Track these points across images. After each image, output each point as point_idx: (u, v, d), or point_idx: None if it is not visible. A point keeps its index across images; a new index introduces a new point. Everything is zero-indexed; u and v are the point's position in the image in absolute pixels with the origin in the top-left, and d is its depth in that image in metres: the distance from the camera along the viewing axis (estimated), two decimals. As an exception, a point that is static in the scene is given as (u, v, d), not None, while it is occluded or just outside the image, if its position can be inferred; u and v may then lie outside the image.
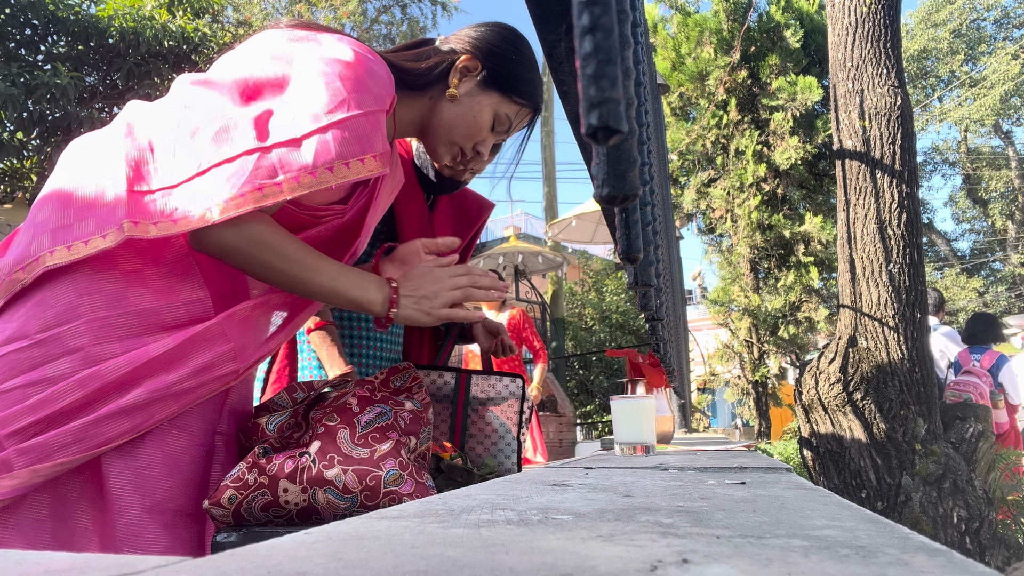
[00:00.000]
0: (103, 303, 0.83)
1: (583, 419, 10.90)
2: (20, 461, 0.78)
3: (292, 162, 0.82)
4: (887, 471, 2.33)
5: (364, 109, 0.88)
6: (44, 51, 5.38)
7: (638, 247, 0.64)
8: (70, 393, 0.80)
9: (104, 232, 0.82)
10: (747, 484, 0.70)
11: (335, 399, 0.97)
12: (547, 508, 0.50)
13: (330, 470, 0.86)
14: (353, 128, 0.86)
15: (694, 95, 7.55)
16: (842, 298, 2.61)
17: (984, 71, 21.19)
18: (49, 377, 0.80)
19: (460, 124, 1.11)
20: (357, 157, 0.86)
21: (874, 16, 2.60)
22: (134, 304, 0.85)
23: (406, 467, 0.90)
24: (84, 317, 0.82)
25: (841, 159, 2.66)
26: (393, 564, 0.30)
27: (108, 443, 0.82)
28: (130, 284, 0.85)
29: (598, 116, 0.36)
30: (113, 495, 0.84)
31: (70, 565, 0.30)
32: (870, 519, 0.44)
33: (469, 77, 1.11)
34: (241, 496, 0.85)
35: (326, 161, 0.83)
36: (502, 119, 1.13)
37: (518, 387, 1.45)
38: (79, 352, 0.81)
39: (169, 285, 0.88)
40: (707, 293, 9.02)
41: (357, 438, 0.90)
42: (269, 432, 0.95)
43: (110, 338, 0.83)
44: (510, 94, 1.12)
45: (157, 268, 0.87)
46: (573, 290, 13.25)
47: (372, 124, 0.89)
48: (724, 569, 0.29)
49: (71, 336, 0.81)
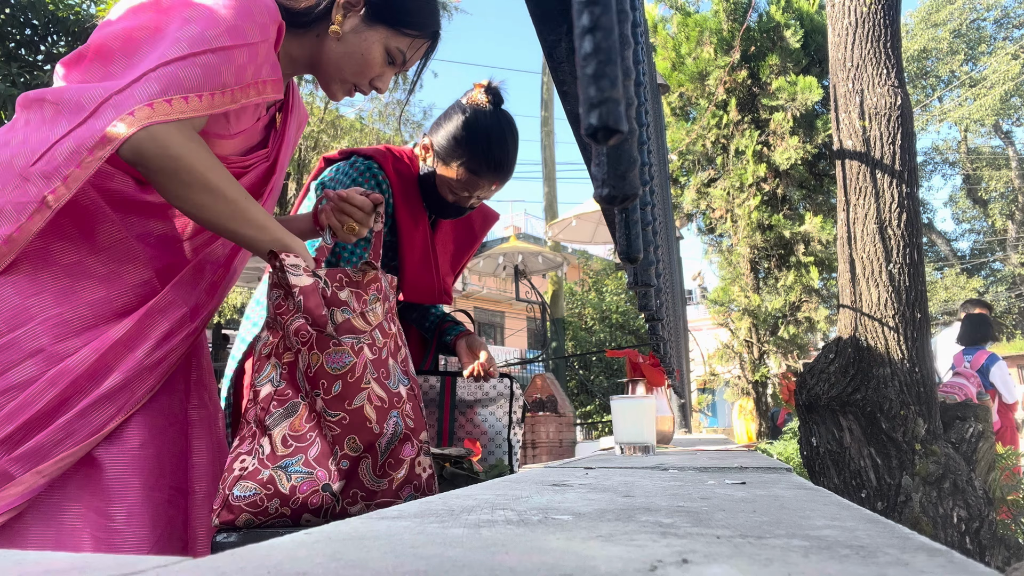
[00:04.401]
0: (52, 301, 0.83)
1: (583, 419, 10.89)
2: (18, 469, 0.78)
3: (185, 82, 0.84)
4: (887, 471, 2.33)
5: (245, 40, 0.90)
6: (44, 51, 5.38)
7: (638, 247, 0.64)
8: (44, 394, 0.79)
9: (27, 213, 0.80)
10: (747, 484, 0.70)
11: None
12: (547, 508, 0.50)
13: (354, 507, 0.87)
14: (230, 58, 0.87)
15: (694, 95, 7.55)
16: (842, 298, 2.61)
17: (984, 71, 21.18)
18: (16, 384, 0.79)
19: (349, 62, 1.09)
20: (238, 85, 0.89)
21: (874, 16, 2.60)
22: (85, 296, 0.85)
23: (420, 487, 0.92)
24: (37, 318, 0.81)
25: (841, 159, 2.66)
26: (393, 564, 0.30)
27: (99, 431, 0.83)
28: (75, 278, 0.85)
29: (598, 116, 0.36)
30: (113, 481, 0.84)
31: (70, 565, 0.30)
32: (870, 519, 0.44)
33: (353, 13, 1.07)
34: (259, 521, 0.84)
35: (215, 86, 0.86)
36: (395, 53, 1.10)
37: (506, 387, 1.44)
38: (40, 353, 0.81)
39: (113, 271, 0.88)
40: (707, 293, 9.02)
41: (377, 468, 0.89)
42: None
43: (68, 334, 0.83)
44: (398, 27, 1.08)
45: (96, 256, 0.87)
46: (573, 290, 13.25)
47: (250, 55, 0.91)
48: (724, 569, 0.29)
49: (28, 339, 0.80)
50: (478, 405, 1.44)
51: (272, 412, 0.90)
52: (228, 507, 0.83)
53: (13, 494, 0.77)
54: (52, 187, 0.79)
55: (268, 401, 0.90)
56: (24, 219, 0.80)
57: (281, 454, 0.89)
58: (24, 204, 0.80)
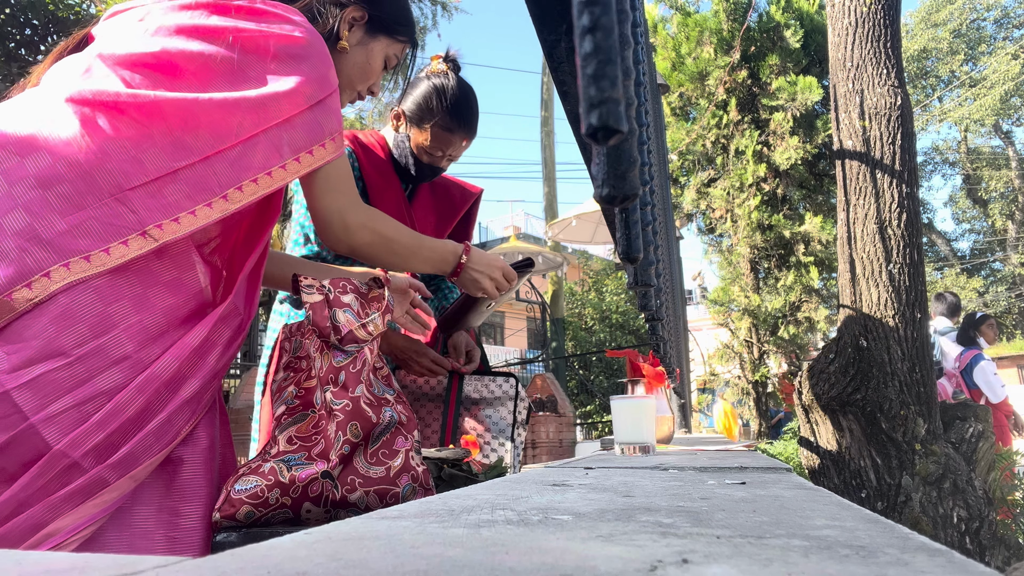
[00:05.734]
0: (131, 308, 0.83)
1: (583, 419, 10.89)
2: (113, 475, 0.79)
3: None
4: (887, 471, 2.33)
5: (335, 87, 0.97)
6: (44, 51, 5.38)
7: (638, 247, 0.64)
8: (133, 401, 0.80)
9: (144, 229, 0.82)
10: (747, 484, 0.70)
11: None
12: (547, 508, 0.50)
13: (353, 494, 0.87)
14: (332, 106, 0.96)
15: (694, 95, 7.55)
16: (842, 298, 2.61)
17: (984, 71, 21.18)
18: (104, 390, 0.79)
19: (357, 72, 1.17)
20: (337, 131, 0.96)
21: (874, 16, 2.60)
22: (157, 303, 0.85)
23: (417, 478, 0.93)
24: (120, 325, 0.81)
25: (841, 159, 2.66)
26: (393, 564, 0.30)
27: (178, 435, 0.86)
28: (146, 284, 0.85)
29: (598, 116, 0.36)
30: (188, 481, 0.87)
31: (70, 565, 0.30)
32: (870, 519, 0.44)
33: (357, 26, 1.15)
34: (260, 513, 0.85)
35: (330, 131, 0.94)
36: (391, 59, 1.21)
37: (511, 387, 1.45)
38: (127, 360, 0.81)
39: (175, 278, 0.88)
40: (707, 293, 9.02)
41: (370, 455, 0.91)
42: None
43: (148, 341, 0.83)
44: (394, 35, 1.19)
45: (160, 262, 0.87)
46: (573, 290, 13.25)
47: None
48: (724, 569, 0.29)
49: (114, 346, 0.80)
50: (484, 404, 1.45)
51: (282, 423, 0.95)
52: (229, 501, 0.85)
53: (108, 500, 0.79)
54: (159, 221, 0.82)
55: (281, 416, 0.96)
56: (115, 242, 0.80)
57: (284, 450, 0.91)
58: (117, 227, 0.80)
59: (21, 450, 0.75)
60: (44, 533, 0.74)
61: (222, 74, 0.88)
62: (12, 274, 0.77)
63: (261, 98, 0.87)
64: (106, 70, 0.87)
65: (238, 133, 0.86)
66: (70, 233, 0.79)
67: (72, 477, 0.77)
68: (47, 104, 0.85)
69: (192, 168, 0.84)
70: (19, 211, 0.78)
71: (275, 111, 0.88)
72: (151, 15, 0.91)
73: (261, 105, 0.87)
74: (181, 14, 0.90)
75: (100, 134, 0.83)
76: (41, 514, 0.75)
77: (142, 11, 0.92)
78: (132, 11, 0.93)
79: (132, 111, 0.84)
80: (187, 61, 0.87)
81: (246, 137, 0.86)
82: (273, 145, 0.88)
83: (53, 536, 0.75)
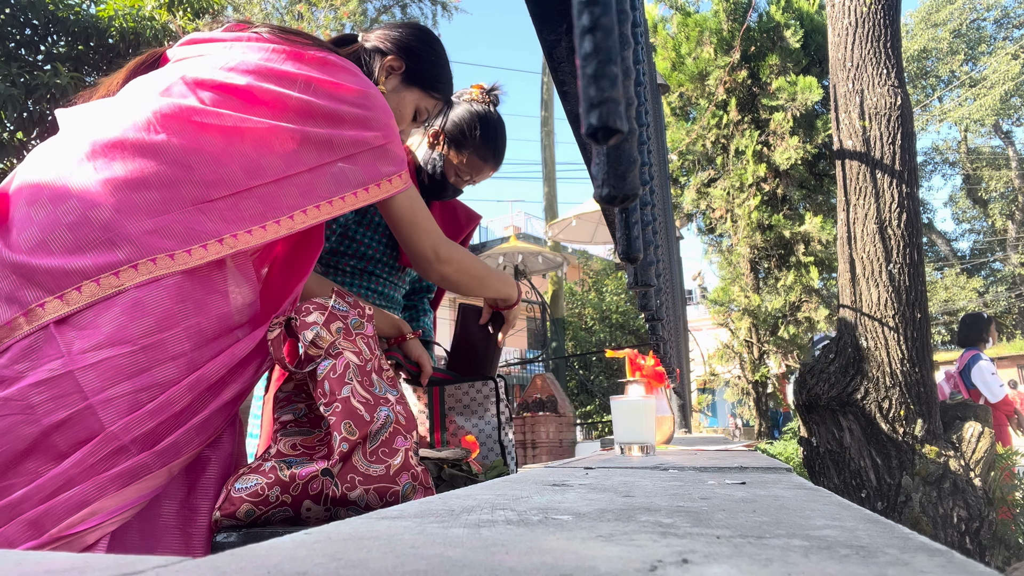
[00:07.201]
0: (192, 309, 0.88)
1: (583, 419, 10.89)
2: (156, 463, 0.83)
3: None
4: (887, 471, 2.33)
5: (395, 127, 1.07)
6: (44, 51, 5.38)
7: (638, 247, 0.64)
8: (182, 397, 0.85)
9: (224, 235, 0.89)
10: (747, 484, 0.70)
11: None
12: (547, 508, 0.50)
13: (353, 491, 0.88)
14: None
15: (694, 95, 7.55)
16: (842, 298, 2.61)
17: (984, 71, 21.19)
18: (159, 383, 0.83)
19: None
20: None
21: (874, 16, 2.60)
22: (213, 310, 0.90)
23: (417, 477, 0.94)
24: (182, 324, 0.86)
25: (841, 159, 2.66)
26: (393, 564, 0.30)
27: (212, 436, 0.90)
28: (206, 290, 0.90)
29: (598, 116, 0.36)
30: (210, 479, 0.90)
31: (70, 565, 0.30)
32: (870, 519, 0.44)
33: (394, 74, 1.25)
34: (260, 512, 0.86)
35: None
36: (422, 112, 1.30)
37: (491, 389, 1.45)
38: (183, 358, 0.86)
39: (232, 290, 0.93)
40: (707, 293, 9.02)
41: (370, 454, 0.91)
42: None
43: (202, 343, 0.88)
44: (430, 91, 1.28)
45: (220, 272, 0.92)
46: (573, 290, 13.25)
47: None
48: (724, 569, 0.29)
49: (174, 342, 0.85)
50: (466, 411, 1.45)
51: (288, 429, 0.96)
52: (229, 499, 0.85)
53: (147, 487, 0.83)
54: (235, 231, 0.90)
55: (287, 423, 0.97)
56: (195, 244, 0.87)
57: (286, 453, 0.93)
58: (198, 232, 0.87)
59: (76, 428, 0.79)
60: (88, 511, 0.78)
61: (295, 110, 0.97)
62: (102, 263, 0.83)
63: (328, 135, 0.97)
64: (186, 90, 0.95)
65: (307, 163, 0.96)
66: (157, 233, 0.86)
67: (119, 460, 0.80)
68: (130, 114, 0.92)
69: (266, 187, 0.93)
70: (106, 207, 0.85)
71: (340, 148, 0.98)
72: (233, 49, 1.00)
73: (328, 142, 0.97)
74: (262, 53, 1.00)
75: (184, 146, 0.90)
76: (88, 492, 0.78)
77: (224, 45, 1.02)
78: (215, 43, 1.03)
79: (214, 130, 0.92)
80: (264, 94, 0.96)
81: (313, 166, 0.96)
82: (335, 179, 0.98)
83: (96, 515, 0.78)
